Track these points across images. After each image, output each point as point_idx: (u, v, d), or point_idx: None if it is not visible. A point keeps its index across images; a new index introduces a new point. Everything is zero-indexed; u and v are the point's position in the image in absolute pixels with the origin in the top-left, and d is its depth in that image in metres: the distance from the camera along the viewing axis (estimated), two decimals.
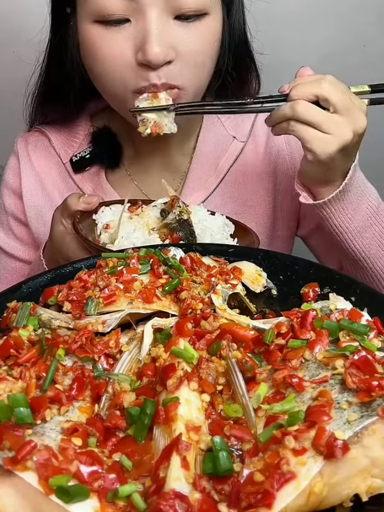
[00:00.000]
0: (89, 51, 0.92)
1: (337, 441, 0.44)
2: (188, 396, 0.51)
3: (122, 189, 1.11)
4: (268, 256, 0.78)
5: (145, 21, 0.85)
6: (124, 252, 0.75)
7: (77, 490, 0.43)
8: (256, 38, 1.06)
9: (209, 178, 1.10)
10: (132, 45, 0.87)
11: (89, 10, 0.88)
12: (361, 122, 0.82)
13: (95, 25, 0.88)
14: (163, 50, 0.85)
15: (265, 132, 1.12)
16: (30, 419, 0.48)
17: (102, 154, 1.11)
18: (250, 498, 0.42)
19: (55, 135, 1.14)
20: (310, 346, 0.55)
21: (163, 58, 0.85)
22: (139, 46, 0.86)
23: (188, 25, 0.88)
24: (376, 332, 0.57)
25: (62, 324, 0.63)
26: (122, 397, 0.52)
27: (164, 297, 0.67)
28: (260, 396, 0.51)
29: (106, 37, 0.88)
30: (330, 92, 0.80)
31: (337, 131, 0.80)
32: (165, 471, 0.44)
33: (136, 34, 0.86)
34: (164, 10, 0.85)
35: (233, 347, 0.58)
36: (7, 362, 0.57)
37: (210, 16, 0.89)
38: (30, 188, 1.14)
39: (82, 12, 0.90)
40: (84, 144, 1.13)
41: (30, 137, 1.17)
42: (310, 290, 0.71)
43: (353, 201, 0.88)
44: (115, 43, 0.88)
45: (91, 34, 0.89)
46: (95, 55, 0.90)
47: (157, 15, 0.84)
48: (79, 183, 1.12)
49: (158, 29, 0.85)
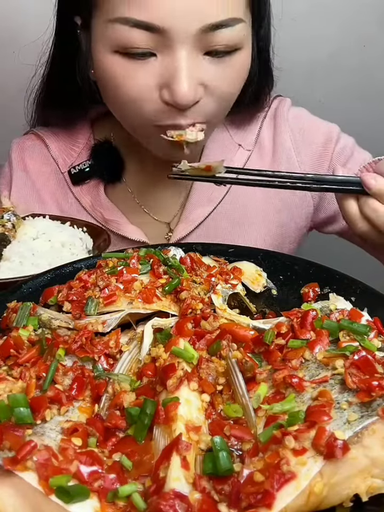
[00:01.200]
0: (109, 82, 0.84)
1: (337, 441, 0.44)
2: (188, 396, 0.51)
3: (123, 205, 1.07)
4: (268, 256, 0.78)
5: (174, 58, 0.78)
6: (124, 252, 0.75)
7: (77, 490, 0.43)
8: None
9: (214, 192, 1.05)
10: (157, 81, 0.80)
11: (110, 39, 0.80)
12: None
13: (116, 55, 0.81)
14: (191, 91, 0.78)
15: (270, 139, 1.08)
16: (30, 419, 0.48)
17: (102, 169, 1.06)
18: (250, 499, 0.42)
19: (53, 141, 1.10)
20: (310, 346, 0.55)
21: (192, 100, 0.80)
22: (165, 83, 0.80)
23: (218, 61, 0.81)
24: (376, 332, 0.57)
25: (62, 323, 0.63)
26: (122, 397, 0.52)
27: (164, 297, 0.67)
28: (259, 396, 0.52)
29: (130, 70, 0.80)
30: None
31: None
32: (165, 471, 0.44)
33: (163, 70, 0.79)
34: (194, 47, 0.78)
35: (233, 347, 0.58)
36: (7, 362, 0.57)
37: (243, 51, 0.83)
38: (23, 198, 1.09)
39: (101, 39, 0.82)
40: (83, 153, 1.08)
41: (26, 142, 1.12)
42: (310, 290, 0.72)
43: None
44: (139, 78, 0.80)
45: (113, 65, 0.82)
46: (117, 87, 0.83)
47: (186, 52, 0.77)
48: (78, 196, 1.08)
49: (188, 66, 0.77)
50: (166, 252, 0.75)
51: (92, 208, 1.06)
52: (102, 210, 1.06)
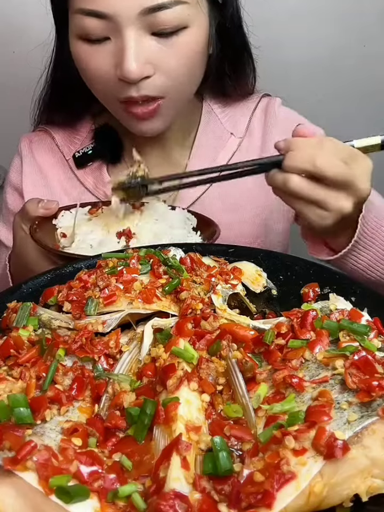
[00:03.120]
0: (78, 65, 0.96)
1: (337, 441, 0.44)
2: (188, 396, 0.51)
3: None
4: (268, 256, 0.78)
5: (122, 39, 0.86)
6: (124, 252, 0.75)
7: (77, 490, 0.43)
8: (254, 34, 1.06)
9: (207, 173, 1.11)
10: (112, 61, 0.90)
11: (74, 27, 0.91)
12: (363, 190, 0.76)
13: (79, 41, 0.91)
14: (139, 67, 0.87)
15: (260, 128, 1.15)
16: (30, 419, 0.48)
17: (104, 150, 1.13)
18: (250, 499, 0.42)
19: (58, 133, 1.17)
20: (310, 346, 0.55)
21: (139, 75, 0.88)
22: (117, 62, 0.88)
23: (165, 40, 0.89)
24: (376, 332, 0.57)
25: (62, 324, 0.64)
26: (122, 397, 0.52)
27: (164, 298, 0.67)
28: (259, 396, 0.52)
29: (90, 54, 0.91)
30: (326, 168, 0.73)
31: (335, 207, 0.75)
32: (165, 471, 0.44)
33: (116, 51, 0.89)
34: (140, 28, 0.86)
35: (233, 347, 0.58)
36: (7, 362, 0.57)
37: (190, 29, 0.90)
38: (32, 185, 1.17)
39: (71, 29, 0.93)
40: (86, 141, 1.15)
41: (33, 136, 1.20)
42: (310, 290, 0.72)
43: (367, 242, 0.85)
44: (98, 60, 0.91)
45: (78, 50, 0.93)
46: (83, 69, 0.95)
47: (133, 33, 0.86)
48: (81, 178, 1.14)
49: (134, 46, 0.86)
50: (166, 252, 0.75)
51: (95, 188, 1.13)
52: (105, 189, 1.11)
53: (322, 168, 0.73)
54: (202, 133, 1.14)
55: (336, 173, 0.74)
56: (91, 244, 0.89)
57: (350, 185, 0.75)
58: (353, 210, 0.78)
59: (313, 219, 0.77)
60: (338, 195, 0.75)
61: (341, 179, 0.74)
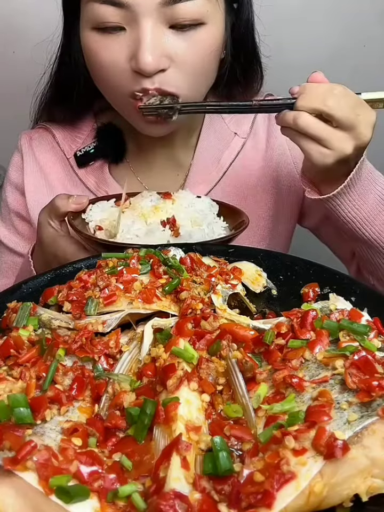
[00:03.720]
0: (89, 57, 0.94)
1: (337, 441, 0.44)
2: (188, 396, 0.51)
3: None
4: (268, 256, 0.78)
5: (138, 30, 0.86)
6: (124, 252, 0.75)
7: (77, 490, 0.43)
8: (261, 41, 1.07)
9: (211, 173, 1.12)
10: (126, 52, 0.88)
11: (87, 17, 0.90)
12: (365, 137, 0.81)
13: (93, 32, 0.90)
14: (155, 59, 0.86)
15: (265, 128, 1.14)
16: (30, 419, 0.48)
17: (107, 149, 1.12)
18: (250, 499, 0.42)
19: (59, 131, 1.16)
20: (310, 346, 0.55)
21: (155, 67, 0.87)
22: (133, 54, 0.87)
23: (182, 34, 0.88)
24: (376, 332, 0.57)
25: (62, 324, 0.63)
26: (122, 397, 0.52)
27: (164, 297, 0.67)
28: (259, 396, 0.51)
29: (104, 44, 0.90)
30: (335, 108, 0.79)
31: (337, 146, 0.80)
32: (165, 471, 0.44)
33: (131, 42, 0.87)
34: (158, 20, 0.86)
35: (233, 347, 0.58)
36: (7, 362, 0.56)
37: (207, 26, 0.89)
38: (33, 184, 1.16)
39: (83, 19, 0.92)
40: (87, 140, 1.14)
41: (33, 133, 1.18)
42: (310, 290, 0.72)
43: (360, 191, 0.88)
44: (111, 50, 0.89)
45: (90, 41, 0.91)
46: (94, 61, 0.93)
47: (150, 24, 0.85)
48: (83, 178, 1.14)
49: (151, 38, 0.85)
50: (166, 252, 0.75)
51: (97, 187, 1.12)
52: (107, 189, 1.11)
53: (332, 109, 0.79)
54: (205, 132, 1.13)
55: (343, 114, 0.79)
56: (136, 234, 0.90)
57: (354, 129, 0.80)
58: (354, 155, 0.82)
59: (316, 156, 0.82)
60: (342, 136, 0.80)
61: (347, 121, 0.80)
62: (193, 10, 0.86)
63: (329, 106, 0.79)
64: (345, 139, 0.81)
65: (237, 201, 1.11)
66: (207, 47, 0.91)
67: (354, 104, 0.81)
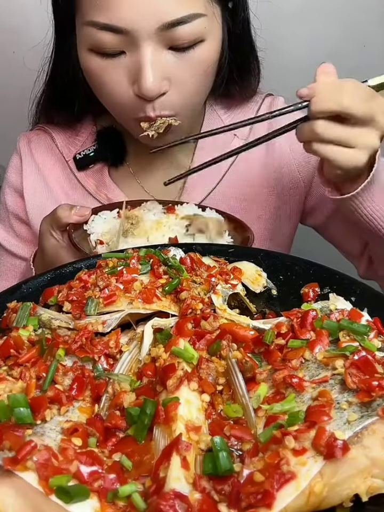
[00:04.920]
0: (89, 78, 0.94)
1: (337, 441, 0.44)
2: (188, 396, 0.51)
3: (125, 186, 1.12)
4: (268, 256, 0.78)
5: (139, 54, 0.85)
6: (124, 252, 0.75)
7: (77, 490, 0.43)
8: (257, 35, 1.06)
9: (211, 175, 1.11)
10: (128, 77, 0.88)
11: (85, 40, 0.88)
12: (383, 123, 0.80)
13: (92, 54, 0.89)
14: (157, 84, 0.86)
15: (265, 129, 1.12)
16: (30, 419, 0.48)
17: (107, 152, 1.12)
18: (250, 499, 0.42)
19: (58, 133, 1.15)
20: (310, 346, 0.55)
21: (157, 92, 0.87)
22: (134, 78, 0.87)
23: (182, 54, 0.87)
24: (376, 332, 0.57)
25: (62, 324, 0.63)
26: (122, 397, 0.52)
27: (164, 297, 0.67)
28: (259, 396, 0.51)
29: (104, 68, 0.89)
30: (351, 107, 0.77)
31: (363, 143, 0.79)
32: (165, 471, 0.44)
33: (131, 66, 0.87)
34: (157, 43, 0.85)
35: (233, 347, 0.58)
36: (7, 362, 0.57)
37: (206, 42, 0.88)
38: (32, 186, 1.15)
39: (80, 39, 0.90)
40: (87, 142, 1.14)
41: (32, 135, 1.17)
42: (310, 290, 0.71)
43: (381, 185, 0.86)
44: (112, 75, 0.89)
45: (90, 63, 0.90)
46: (95, 80, 0.92)
47: (151, 49, 0.84)
48: (82, 180, 1.13)
49: (152, 62, 0.85)
50: (166, 252, 0.75)
51: (96, 191, 1.11)
52: (107, 192, 1.10)
53: (348, 108, 0.76)
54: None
55: (361, 110, 0.77)
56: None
57: (371, 121, 0.79)
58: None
59: (345, 161, 0.79)
60: (362, 131, 0.79)
61: (365, 116, 0.78)
62: (192, 31, 0.85)
63: (345, 106, 0.77)
64: (368, 133, 0.79)
65: (238, 203, 1.11)
66: (205, 64, 0.91)
67: (367, 96, 0.79)
